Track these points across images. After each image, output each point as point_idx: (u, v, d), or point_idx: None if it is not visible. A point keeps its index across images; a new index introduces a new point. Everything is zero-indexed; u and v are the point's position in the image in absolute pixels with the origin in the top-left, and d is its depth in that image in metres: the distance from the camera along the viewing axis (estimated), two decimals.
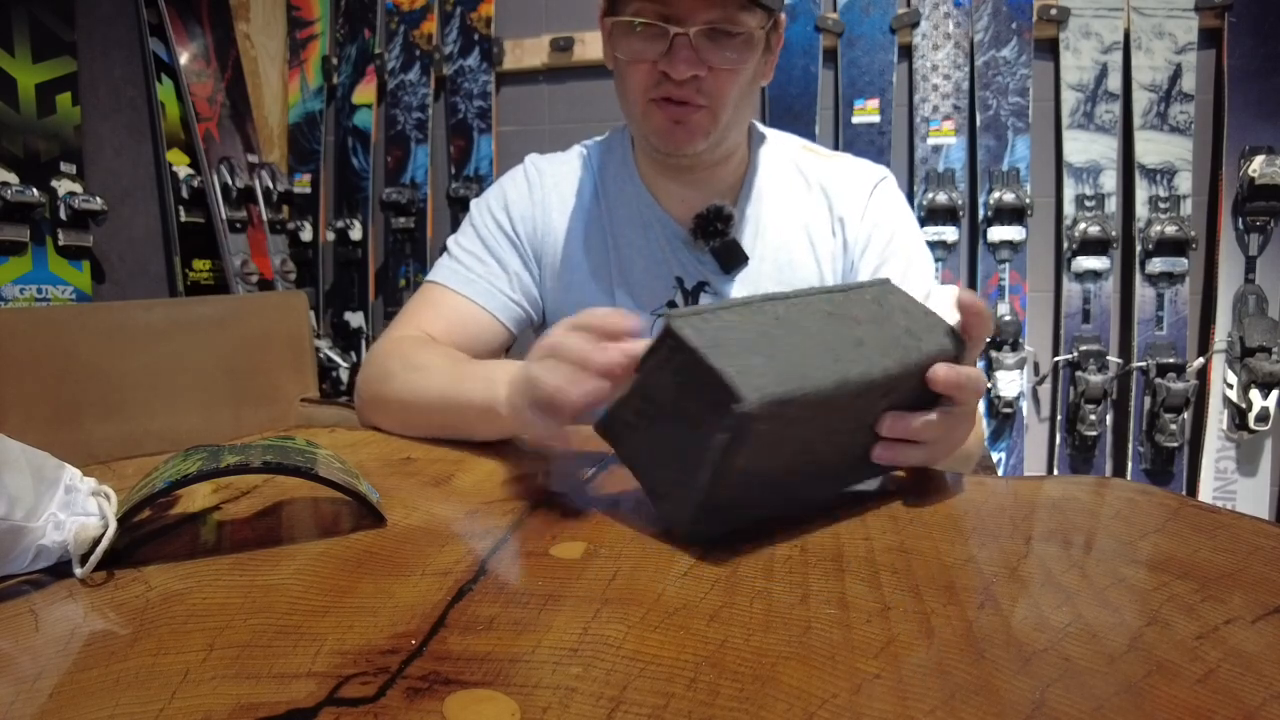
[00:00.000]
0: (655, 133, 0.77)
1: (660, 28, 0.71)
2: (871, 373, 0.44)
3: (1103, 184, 1.79)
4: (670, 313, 0.42)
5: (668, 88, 0.74)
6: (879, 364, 0.45)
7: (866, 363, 0.45)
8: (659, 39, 0.72)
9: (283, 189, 2.01)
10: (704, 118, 0.75)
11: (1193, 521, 0.45)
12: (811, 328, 0.46)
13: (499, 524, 0.46)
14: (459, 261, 0.86)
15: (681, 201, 0.85)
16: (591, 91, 2.05)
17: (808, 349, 0.44)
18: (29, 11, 1.53)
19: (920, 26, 1.84)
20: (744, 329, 0.43)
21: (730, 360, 0.40)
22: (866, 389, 0.45)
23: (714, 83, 0.74)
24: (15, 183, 1.47)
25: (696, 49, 0.71)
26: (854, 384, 0.43)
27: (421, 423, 0.70)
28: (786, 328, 0.45)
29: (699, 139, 0.76)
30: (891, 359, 0.46)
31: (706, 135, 0.76)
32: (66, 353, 0.90)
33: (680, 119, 0.75)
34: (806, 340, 0.44)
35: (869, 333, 0.47)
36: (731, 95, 0.75)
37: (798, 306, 0.47)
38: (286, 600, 0.36)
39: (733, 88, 0.75)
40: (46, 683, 0.30)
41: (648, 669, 0.30)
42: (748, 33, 0.72)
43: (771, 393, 0.39)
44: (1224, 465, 1.73)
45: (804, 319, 0.46)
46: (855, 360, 0.44)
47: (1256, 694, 0.28)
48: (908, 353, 0.47)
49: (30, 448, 0.40)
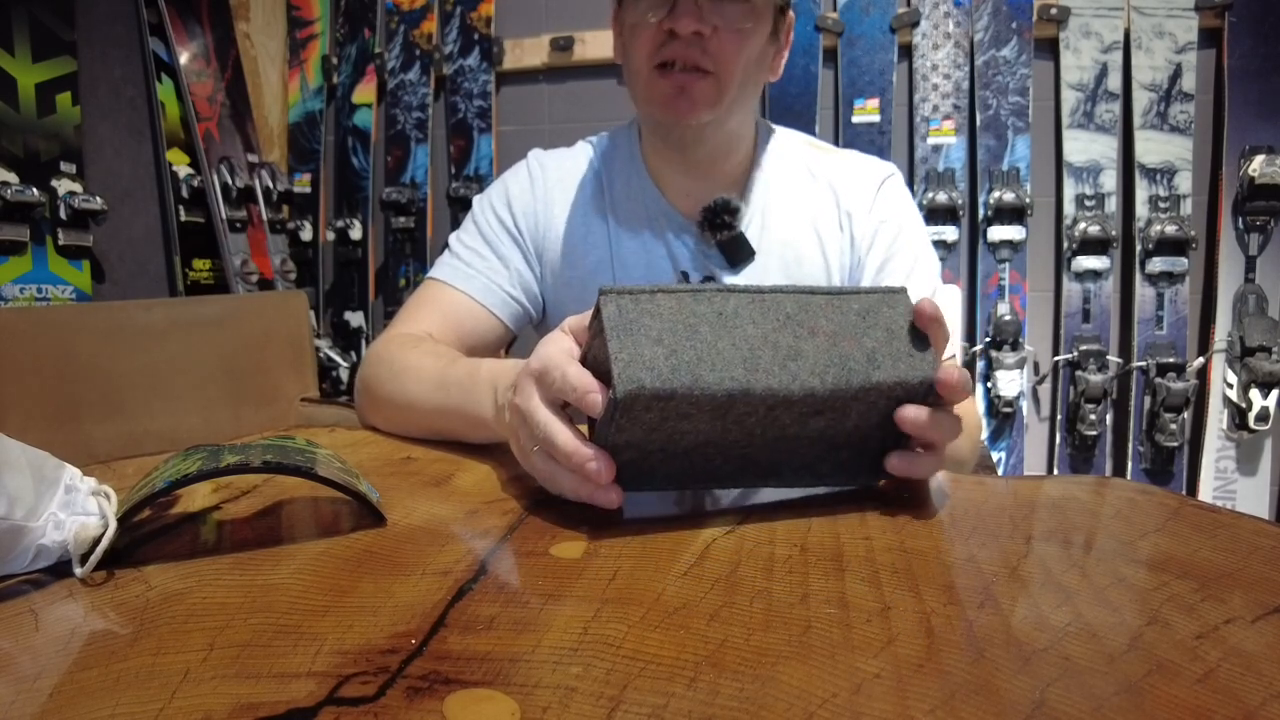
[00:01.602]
0: (659, 102, 0.77)
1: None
2: (789, 389, 0.43)
3: (1103, 183, 1.79)
4: (607, 287, 0.44)
5: (673, 48, 0.74)
6: (803, 382, 0.44)
7: (787, 377, 0.44)
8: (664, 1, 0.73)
9: (283, 189, 2.01)
10: (708, 86, 0.75)
11: (1193, 521, 0.45)
12: (749, 330, 0.45)
13: (499, 524, 0.46)
14: (459, 258, 0.85)
15: (688, 195, 0.84)
16: (591, 91, 2.05)
17: (724, 351, 0.43)
18: (29, 11, 1.53)
19: (920, 26, 1.84)
20: (671, 317, 0.43)
21: (628, 346, 0.42)
22: (779, 403, 0.44)
23: (718, 45, 0.74)
24: (15, 182, 1.47)
25: (700, 7, 0.72)
26: (758, 396, 0.43)
27: (413, 427, 0.69)
28: (720, 324, 0.44)
29: (703, 109, 0.76)
30: (824, 379, 0.44)
31: (710, 106, 0.76)
32: (66, 352, 0.90)
33: (684, 85, 0.75)
34: (732, 342, 0.44)
35: (816, 347, 0.45)
36: (736, 64, 0.75)
37: (756, 304, 0.46)
38: (286, 600, 0.36)
39: (738, 54, 0.75)
40: (46, 682, 0.30)
41: (648, 668, 0.30)
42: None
43: (648, 387, 0.41)
44: (1224, 465, 1.73)
45: (751, 319, 0.45)
46: (773, 373, 0.43)
47: (1256, 693, 0.28)
48: (850, 376, 0.45)
49: (30, 447, 0.40)
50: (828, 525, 0.45)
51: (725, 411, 0.44)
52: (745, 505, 0.51)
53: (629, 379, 0.41)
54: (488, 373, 0.60)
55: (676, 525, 0.46)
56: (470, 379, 0.62)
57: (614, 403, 0.42)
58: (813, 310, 0.47)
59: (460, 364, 0.67)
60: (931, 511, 0.48)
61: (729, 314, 0.45)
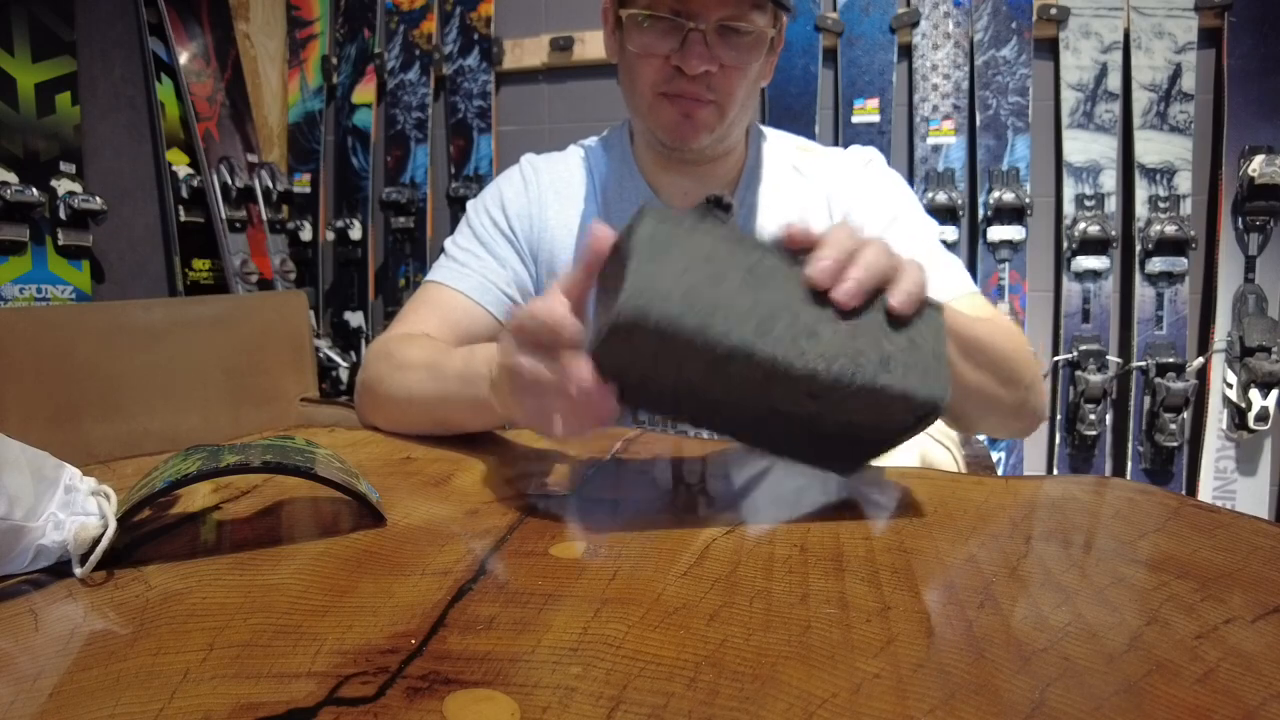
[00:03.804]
0: (663, 127, 0.78)
1: (675, 22, 0.72)
2: (792, 364, 0.41)
3: (1102, 183, 1.79)
4: (650, 205, 0.43)
5: (679, 83, 0.75)
6: (809, 362, 0.41)
7: (795, 352, 0.41)
8: (673, 33, 0.72)
9: (282, 188, 2.01)
10: (711, 113, 0.76)
11: (1192, 521, 0.45)
12: (775, 294, 0.42)
13: (499, 524, 0.46)
14: (455, 260, 0.86)
15: (683, 194, 0.85)
16: (591, 91, 2.05)
17: (740, 306, 0.41)
18: (29, 11, 1.53)
19: (920, 26, 1.84)
20: (702, 255, 0.42)
21: (648, 270, 0.40)
22: (779, 375, 0.42)
23: (723, 80, 0.75)
24: (15, 182, 1.47)
25: (709, 45, 0.72)
26: (759, 361, 0.41)
27: (415, 421, 0.70)
28: (748, 279, 0.42)
29: (704, 134, 0.77)
30: (830, 367, 0.42)
31: (712, 131, 0.77)
32: (66, 352, 0.90)
33: (689, 113, 0.76)
34: (754, 300, 0.41)
35: (835, 332, 0.43)
36: (739, 93, 0.76)
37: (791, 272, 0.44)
38: (286, 600, 0.36)
39: (740, 86, 0.76)
40: (46, 682, 0.30)
41: (648, 668, 0.30)
42: (758, 31, 0.74)
43: (654, 318, 0.39)
44: (1223, 465, 1.73)
45: (781, 284, 0.43)
46: (782, 343, 0.41)
47: (1256, 693, 0.28)
48: (858, 372, 0.42)
49: (30, 447, 0.40)
50: (828, 525, 0.45)
51: (721, 367, 0.42)
52: (745, 505, 0.52)
53: (637, 304, 0.39)
54: (482, 354, 0.60)
55: (676, 525, 0.46)
56: (465, 364, 0.62)
57: (612, 323, 0.39)
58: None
59: (455, 353, 0.67)
60: (931, 512, 0.48)
61: (761, 272, 0.43)
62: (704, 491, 0.55)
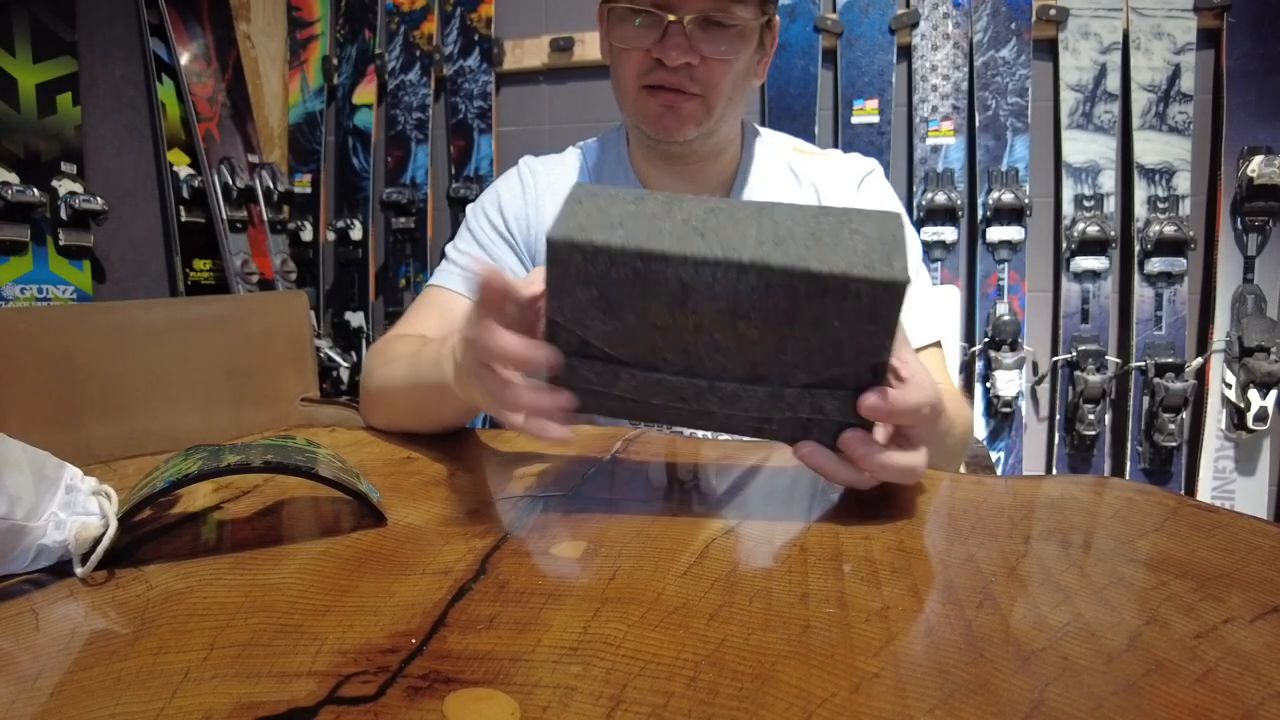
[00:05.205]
0: (647, 119, 0.78)
1: (655, 15, 0.73)
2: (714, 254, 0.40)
3: (1101, 184, 1.79)
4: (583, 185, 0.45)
5: (660, 74, 0.75)
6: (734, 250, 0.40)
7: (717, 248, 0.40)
8: (653, 26, 0.73)
9: (283, 189, 2.01)
10: (696, 106, 0.77)
11: (1191, 521, 0.45)
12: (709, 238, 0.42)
13: (499, 523, 0.46)
14: (454, 263, 0.87)
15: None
16: (591, 92, 2.05)
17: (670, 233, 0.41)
18: (29, 11, 1.53)
19: (919, 27, 1.84)
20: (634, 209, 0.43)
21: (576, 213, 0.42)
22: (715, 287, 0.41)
23: (706, 72, 0.75)
24: (16, 183, 1.47)
25: (689, 37, 0.72)
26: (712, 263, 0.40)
27: (397, 413, 0.71)
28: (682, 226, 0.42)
29: (690, 126, 0.77)
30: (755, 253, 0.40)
31: (698, 124, 0.78)
32: (67, 352, 0.90)
33: (672, 105, 0.76)
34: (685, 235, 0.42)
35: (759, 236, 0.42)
36: (724, 87, 0.76)
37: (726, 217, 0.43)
38: (287, 599, 0.36)
39: (725, 79, 0.76)
40: (47, 682, 0.30)
41: (647, 668, 0.30)
42: (741, 25, 0.74)
43: (577, 239, 0.41)
44: (1222, 465, 1.73)
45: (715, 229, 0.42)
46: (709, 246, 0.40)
47: (1255, 693, 0.28)
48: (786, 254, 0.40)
49: (31, 447, 0.40)
50: (827, 525, 0.46)
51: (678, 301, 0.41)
52: (745, 505, 0.52)
53: (560, 231, 0.41)
54: (451, 340, 0.60)
55: (676, 525, 0.46)
56: (437, 350, 0.63)
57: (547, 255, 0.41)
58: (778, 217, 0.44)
59: (433, 343, 0.67)
60: (931, 512, 0.48)
61: (694, 221, 0.43)
62: (703, 491, 0.55)
